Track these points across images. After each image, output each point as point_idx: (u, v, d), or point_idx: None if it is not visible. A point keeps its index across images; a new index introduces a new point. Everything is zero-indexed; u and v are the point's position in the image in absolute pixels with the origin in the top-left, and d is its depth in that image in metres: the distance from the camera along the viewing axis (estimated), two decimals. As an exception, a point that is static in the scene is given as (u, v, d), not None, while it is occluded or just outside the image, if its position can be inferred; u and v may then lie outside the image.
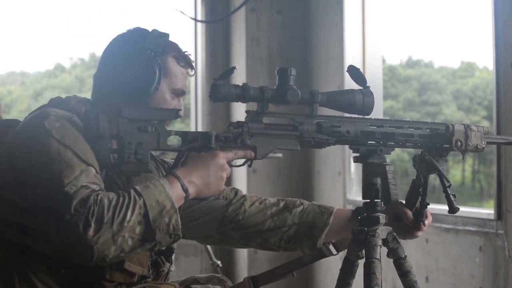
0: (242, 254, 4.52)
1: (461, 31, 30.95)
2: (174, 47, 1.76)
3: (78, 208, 1.44)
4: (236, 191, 1.98)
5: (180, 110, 1.75)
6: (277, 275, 1.85)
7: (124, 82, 1.68)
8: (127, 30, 1.77)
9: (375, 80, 3.92)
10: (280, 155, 3.83)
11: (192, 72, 1.80)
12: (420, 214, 1.86)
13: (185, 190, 1.60)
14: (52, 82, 20.51)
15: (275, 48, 4.49)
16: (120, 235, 1.46)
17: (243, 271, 4.46)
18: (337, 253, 1.90)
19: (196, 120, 4.93)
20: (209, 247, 3.98)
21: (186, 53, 1.78)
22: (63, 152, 1.51)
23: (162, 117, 1.64)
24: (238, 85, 1.66)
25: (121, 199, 1.49)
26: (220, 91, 1.64)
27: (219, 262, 3.93)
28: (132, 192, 1.51)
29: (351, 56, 3.96)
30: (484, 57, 28.73)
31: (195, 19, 4.83)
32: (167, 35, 1.73)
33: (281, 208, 1.95)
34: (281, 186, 4.37)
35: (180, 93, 1.76)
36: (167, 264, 1.79)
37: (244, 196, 1.97)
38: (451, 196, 1.77)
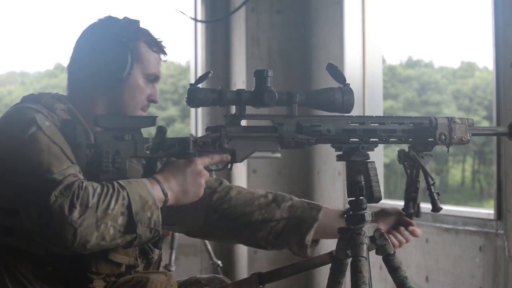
0: (242, 254, 4.52)
1: (461, 31, 30.95)
2: (146, 33, 1.76)
3: (63, 192, 1.45)
4: (221, 181, 1.96)
5: (156, 97, 1.77)
6: (284, 274, 1.84)
7: (96, 69, 1.70)
8: (98, 19, 1.78)
9: (375, 80, 3.92)
10: (278, 155, 3.83)
11: (165, 58, 1.80)
12: (416, 214, 1.85)
13: (165, 195, 1.60)
14: (52, 82, 20.51)
15: (275, 48, 4.49)
16: (103, 222, 1.47)
17: (243, 271, 4.46)
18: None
19: (196, 120, 4.93)
20: (209, 247, 3.98)
21: (158, 39, 1.78)
22: (52, 146, 1.53)
23: (138, 125, 1.64)
24: (214, 89, 1.66)
25: (105, 188, 1.50)
26: (196, 96, 1.64)
27: (219, 262, 3.92)
28: (116, 184, 1.52)
29: (351, 56, 3.96)
30: (484, 57, 28.72)
31: (195, 19, 4.84)
32: (137, 21, 1.74)
33: (270, 201, 1.92)
34: (281, 186, 4.37)
35: (153, 78, 1.77)
36: (156, 251, 1.78)
37: (229, 185, 1.95)
38: (434, 194, 1.76)
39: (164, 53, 1.79)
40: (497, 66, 2.78)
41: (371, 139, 1.76)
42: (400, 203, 1.85)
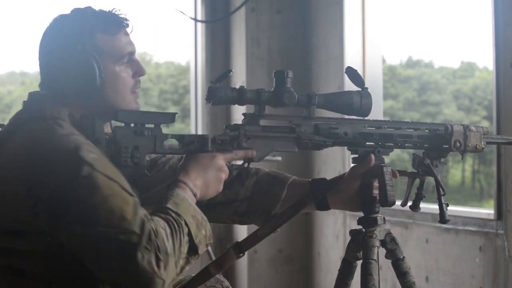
0: (242, 254, 4.51)
1: (461, 31, 30.95)
2: (98, 19, 1.63)
3: (147, 245, 1.42)
4: None
5: (141, 71, 1.68)
6: (260, 236, 1.77)
7: (71, 87, 1.61)
8: (50, 26, 1.68)
9: (375, 80, 3.92)
10: (279, 158, 3.83)
11: (131, 28, 1.68)
12: (414, 206, 1.83)
13: (195, 195, 1.60)
14: (52, 82, 20.49)
15: (275, 48, 4.49)
16: (179, 261, 1.48)
17: (243, 271, 4.46)
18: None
19: (196, 120, 4.93)
20: (208, 247, 3.96)
21: (112, 13, 1.65)
22: (112, 185, 1.45)
23: (158, 121, 1.63)
24: (234, 88, 1.66)
25: (170, 224, 1.48)
26: (216, 94, 1.64)
27: (219, 262, 3.92)
28: (173, 214, 1.50)
29: (351, 56, 3.96)
30: (484, 57, 28.73)
31: (195, 19, 4.83)
32: (87, 10, 1.64)
33: (233, 177, 1.86)
34: (281, 186, 4.37)
35: (128, 57, 1.66)
36: None
37: None
38: (444, 205, 1.77)
39: (126, 26, 1.66)
40: (497, 66, 2.78)
41: (387, 144, 1.78)
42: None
